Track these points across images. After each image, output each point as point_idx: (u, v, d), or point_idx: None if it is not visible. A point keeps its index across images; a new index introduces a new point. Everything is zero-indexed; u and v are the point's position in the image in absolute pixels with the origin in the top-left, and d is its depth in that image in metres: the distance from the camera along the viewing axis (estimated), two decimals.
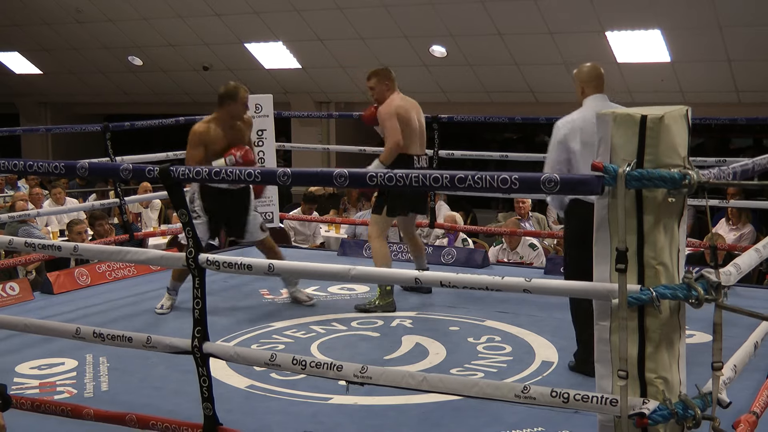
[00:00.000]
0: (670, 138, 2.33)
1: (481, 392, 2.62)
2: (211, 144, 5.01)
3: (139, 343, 3.11)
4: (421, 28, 10.49)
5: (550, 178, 2.39)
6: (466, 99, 11.55)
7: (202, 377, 2.99)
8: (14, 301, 5.42)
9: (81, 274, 5.97)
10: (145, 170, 2.98)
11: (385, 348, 4.51)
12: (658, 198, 2.32)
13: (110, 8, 12.10)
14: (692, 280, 2.30)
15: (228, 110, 5.07)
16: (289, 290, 5.49)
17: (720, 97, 9.88)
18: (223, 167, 4.36)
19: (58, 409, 3.23)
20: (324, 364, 2.81)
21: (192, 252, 2.96)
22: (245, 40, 11.93)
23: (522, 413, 3.47)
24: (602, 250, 2.41)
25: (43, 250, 3.65)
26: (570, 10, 9.41)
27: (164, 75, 13.44)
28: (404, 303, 5.28)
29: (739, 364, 2.76)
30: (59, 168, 3.23)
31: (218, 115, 5.10)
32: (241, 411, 3.60)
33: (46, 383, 4.00)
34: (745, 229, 7.65)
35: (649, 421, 2.34)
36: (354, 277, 2.83)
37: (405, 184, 2.56)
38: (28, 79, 14.90)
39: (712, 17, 8.79)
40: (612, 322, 2.40)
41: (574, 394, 2.44)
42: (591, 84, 3.92)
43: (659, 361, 2.38)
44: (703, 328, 3.85)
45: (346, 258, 6.74)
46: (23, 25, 13.19)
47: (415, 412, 3.59)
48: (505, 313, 5.13)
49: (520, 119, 8.59)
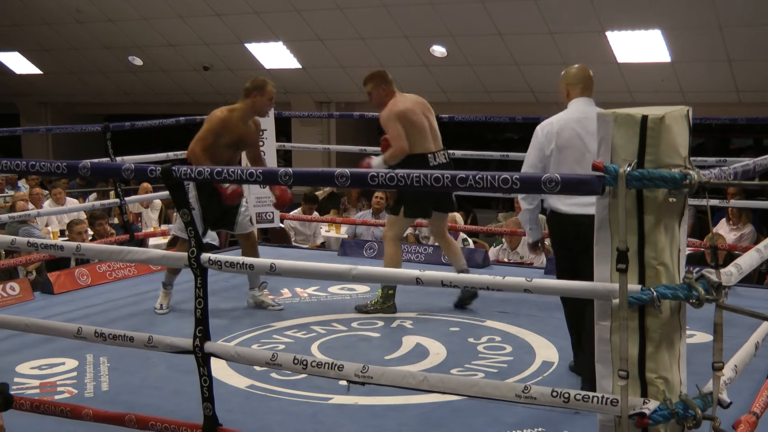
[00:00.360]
0: (670, 138, 2.33)
1: (482, 392, 2.62)
2: (225, 133, 4.95)
3: (141, 342, 3.12)
4: (421, 28, 10.49)
5: (550, 178, 2.39)
6: (467, 99, 11.55)
7: (203, 377, 2.99)
8: (15, 301, 5.42)
9: (81, 274, 5.98)
10: (147, 170, 2.98)
11: (385, 348, 4.51)
12: (658, 198, 2.32)
13: (110, 8, 12.10)
14: (693, 280, 2.30)
15: (254, 102, 5.02)
16: (254, 294, 5.29)
17: (720, 97, 9.87)
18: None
19: (57, 409, 3.23)
20: (325, 363, 2.81)
21: (194, 252, 2.96)
22: (245, 40, 11.93)
23: (522, 413, 3.47)
24: (603, 250, 2.41)
25: (45, 249, 3.65)
26: (570, 10, 9.41)
27: (164, 75, 13.44)
28: (405, 303, 5.28)
29: (739, 365, 2.77)
30: (61, 168, 3.23)
31: (242, 107, 5.04)
32: (241, 411, 3.60)
33: (47, 383, 4.00)
34: (746, 229, 7.66)
35: (649, 421, 2.34)
36: (355, 277, 2.83)
37: (406, 184, 2.56)
38: (29, 79, 14.90)
39: (712, 17, 8.78)
40: (612, 322, 2.40)
41: (574, 394, 2.44)
42: (577, 87, 3.86)
43: (660, 361, 2.39)
44: (704, 328, 3.86)
45: (347, 258, 6.74)
46: (23, 25, 13.19)
47: (416, 412, 3.59)
48: (505, 313, 5.13)
49: (520, 119, 8.58)
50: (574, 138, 3.73)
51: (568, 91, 3.89)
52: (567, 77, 3.92)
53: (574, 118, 3.77)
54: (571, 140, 3.73)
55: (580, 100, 3.85)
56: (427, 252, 6.77)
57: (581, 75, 3.91)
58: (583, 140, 3.69)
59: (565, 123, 3.77)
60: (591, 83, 3.91)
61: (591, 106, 3.82)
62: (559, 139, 3.75)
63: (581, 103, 3.84)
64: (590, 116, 3.61)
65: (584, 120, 3.71)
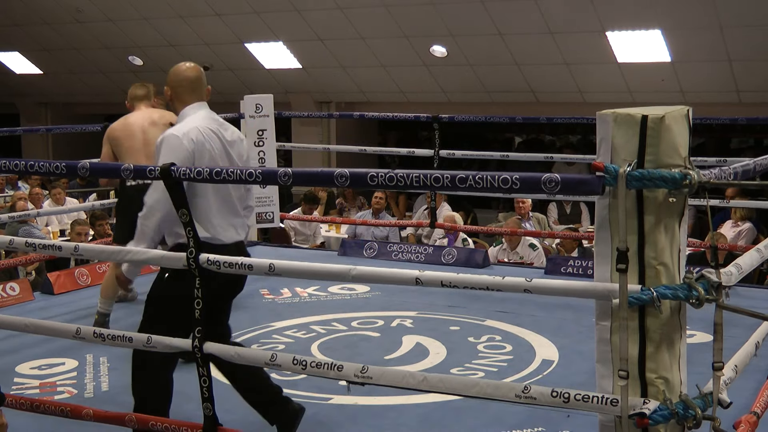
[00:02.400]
0: (671, 138, 2.33)
1: (482, 392, 2.62)
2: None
3: (140, 343, 3.11)
4: (421, 28, 10.49)
5: (551, 178, 2.38)
6: (467, 99, 11.55)
7: (203, 377, 2.99)
8: (14, 302, 5.42)
9: (81, 275, 5.98)
10: (147, 170, 2.97)
11: (385, 348, 4.51)
12: (658, 198, 2.32)
13: (110, 8, 12.09)
14: (693, 280, 2.29)
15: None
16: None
17: (720, 97, 9.86)
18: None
19: (57, 409, 3.23)
20: (324, 364, 2.81)
21: (192, 252, 2.95)
22: (246, 40, 11.92)
23: (522, 413, 3.47)
24: (603, 250, 2.40)
25: (44, 250, 3.65)
26: (570, 10, 9.41)
27: (165, 75, 13.33)
28: (405, 303, 5.28)
29: (739, 365, 2.76)
30: (60, 168, 3.23)
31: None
32: (241, 411, 3.59)
33: (47, 383, 4.00)
34: (744, 226, 7.66)
35: (649, 421, 2.33)
36: (354, 277, 2.83)
37: (406, 185, 2.56)
38: (29, 79, 14.89)
39: (712, 17, 8.78)
40: (613, 322, 2.40)
41: (574, 394, 2.44)
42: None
43: (660, 361, 2.38)
44: (704, 328, 3.85)
45: (347, 258, 6.74)
46: (23, 24, 13.19)
47: (415, 412, 3.59)
48: (505, 312, 5.13)
49: (521, 119, 8.60)
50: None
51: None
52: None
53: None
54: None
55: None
56: (427, 252, 6.77)
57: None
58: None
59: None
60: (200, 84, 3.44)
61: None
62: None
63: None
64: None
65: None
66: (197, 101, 3.38)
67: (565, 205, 9.23)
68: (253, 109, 6.72)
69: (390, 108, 10.65)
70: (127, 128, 4.92)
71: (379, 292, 5.67)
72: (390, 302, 5.43)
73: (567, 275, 6.08)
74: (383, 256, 6.81)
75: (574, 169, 10.33)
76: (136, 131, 4.87)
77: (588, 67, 10.13)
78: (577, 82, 10.43)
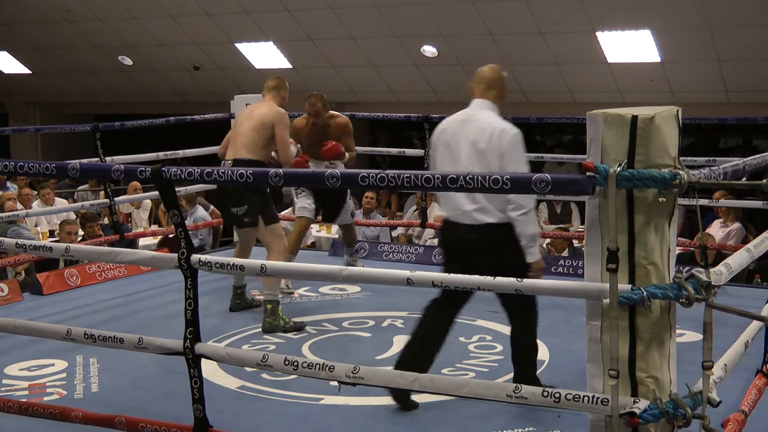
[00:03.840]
0: (660, 138, 2.34)
1: (473, 392, 2.62)
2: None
3: (131, 344, 3.10)
4: (412, 28, 10.49)
5: (541, 178, 2.39)
6: (457, 99, 11.49)
7: (194, 378, 2.98)
8: (3, 302, 5.39)
9: (71, 275, 5.95)
10: (137, 171, 2.96)
11: (376, 348, 4.51)
12: (648, 198, 2.33)
13: (100, 7, 12.05)
14: (683, 279, 2.30)
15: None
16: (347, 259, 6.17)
17: (710, 97, 9.90)
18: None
19: (46, 412, 3.22)
20: (316, 364, 2.81)
21: (184, 253, 2.95)
22: (236, 39, 11.90)
23: (513, 413, 3.48)
24: (593, 250, 2.41)
25: (35, 251, 3.63)
26: (561, 10, 9.43)
27: (154, 75, 13.39)
28: (396, 303, 5.28)
29: (729, 363, 2.78)
30: (50, 169, 3.21)
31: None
32: (232, 412, 3.59)
33: (36, 384, 3.98)
34: (733, 226, 7.69)
35: (639, 421, 2.34)
36: (345, 277, 2.83)
37: (397, 185, 2.56)
38: (17, 78, 14.81)
39: (702, 18, 8.82)
40: (603, 321, 2.41)
41: (565, 394, 2.45)
42: (479, 86, 3.71)
43: (650, 360, 2.39)
44: (694, 327, 3.86)
45: (338, 258, 6.74)
46: (12, 24, 13.12)
47: (407, 412, 3.58)
48: (496, 312, 5.12)
49: (510, 118, 8.59)
50: (454, 136, 3.62)
51: (473, 89, 3.75)
52: (477, 75, 3.76)
53: (461, 118, 3.68)
54: (454, 139, 3.63)
55: (478, 101, 3.72)
56: (418, 252, 6.78)
57: (483, 75, 3.75)
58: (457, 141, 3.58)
59: (451, 121, 3.69)
60: (495, 85, 3.74)
61: (482, 110, 3.69)
62: (444, 136, 3.65)
63: (477, 104, 3.71)
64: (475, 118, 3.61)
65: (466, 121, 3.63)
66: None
67: (555, 205, 9.25)
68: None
69: (380, 108, 10.64)
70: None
71: (370, 292, 5.67)
72: (381, 302, 5.43)
73: (557, 275, 6.09)
74: (374, 256, 6.81)
75: (564, 169, 10.35)
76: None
77: (578, 67, 10.15)
78: (568, 82, 10.46)
